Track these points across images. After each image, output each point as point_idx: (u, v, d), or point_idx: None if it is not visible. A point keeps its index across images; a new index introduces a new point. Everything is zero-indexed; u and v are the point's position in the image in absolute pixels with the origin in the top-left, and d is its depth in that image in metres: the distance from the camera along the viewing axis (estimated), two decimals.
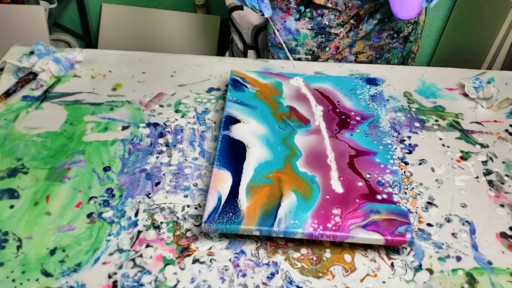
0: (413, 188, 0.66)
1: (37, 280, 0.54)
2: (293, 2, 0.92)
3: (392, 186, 0.61)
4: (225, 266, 0.56)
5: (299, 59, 0.97)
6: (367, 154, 0.66)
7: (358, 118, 0.72)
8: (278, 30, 0.96)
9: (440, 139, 0.74)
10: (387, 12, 0.92)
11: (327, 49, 0.96)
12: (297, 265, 0.57)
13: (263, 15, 0.81)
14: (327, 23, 0.92)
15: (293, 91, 0.77)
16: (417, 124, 0.76)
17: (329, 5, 0.90)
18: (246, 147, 0.66)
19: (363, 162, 0.65)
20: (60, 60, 0.83)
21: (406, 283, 0.55)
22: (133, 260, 0.56)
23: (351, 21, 0.92)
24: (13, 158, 0.68)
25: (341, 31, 0.93)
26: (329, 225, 0.56)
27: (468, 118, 0.78)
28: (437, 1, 0.78)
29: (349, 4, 0.90)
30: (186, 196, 0.64)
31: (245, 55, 1.30)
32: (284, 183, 0.61)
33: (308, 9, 0.92)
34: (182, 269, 0.56)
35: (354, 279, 0.55)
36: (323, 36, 0.94)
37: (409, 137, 0.74)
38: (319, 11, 0.91)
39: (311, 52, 0.97)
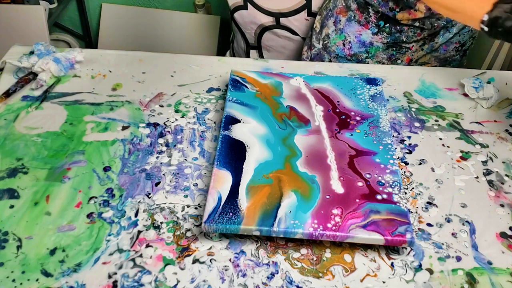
0: (413, 188, 0.66)
1: (37, 280, 0.54)
2: (373, 16, 0.92)
3: (392, 186, 0.61)
4: (225, 266, 0.56)
5: None
6: (367, 154, 0.66)
7: (358, 118, 0.72)
8: (350, 42, 0.96)
9: (440, 139, 0.74)
10: (463, 26, 0.93)
11: (398, 61, 0.96)
12: (297, 265, 0.57)
13: None
14: (404, 39, 0.92)
15: (293, 91, 0.77)
16: (417, 124, 0.76)
17: (416, 24, 0.90)
18: (246, 147, 0.66)
19: (363, 162, 0.65)
20: (60, 60, 0.83)
21: (406, 283, 0.55)
22: (133, 260, 0.56)
23: (425, 34, 0.92)
24: (13, 158, 0.68)
25: (413, 45, 0.93)
26: (329, 225, 0.56)
27: (468, 118, 0.78)
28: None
29: (435, 24, 0.90)
30: (186, 196, 0.64)
31: (247, 55, 1.30)
32: (284, 183, 0.61)
33: (388, 24, 0.91)
34: (182, 269, 0.56)
35: (354, 279, 0.55)
36: (394, 49, 0.94)
37: (409, 137, 0.74)
38: (398, 27, 0.91)
39: (381, 63, 0.97)
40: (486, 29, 0.64)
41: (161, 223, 0.61)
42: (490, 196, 0.65)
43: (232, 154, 0.65)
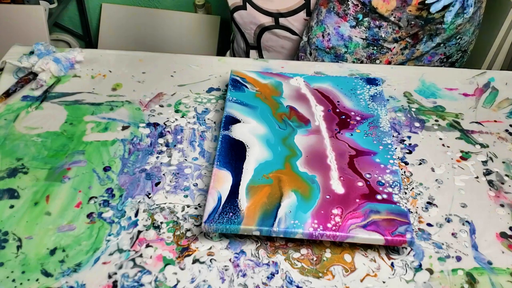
0: (413, 188, 0.66)
1: (37, 280, 0.54)
2: (352, 8, 0.91)
3: (392, 186, 0.61)
4: (225, 266, 0.56)
5: None
6: (367, 154, 0.66)
7: (358, 118, 0.72)
8: (329, 34, 0.95)
9: (440, 139, 0.74)
10: (447, 38, 0.93)
11: (377, 61, 0.95)
12: (297, 265, 0.57)
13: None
14: (383, 35, 0.91)
15: (293, 91, 0.77)
16: (417, 124, 0.76)
17: (392, 18, 0.88)
18: (246, 147, 0.66)
19: (363, 162, 0.65)
20: (60, 60, 0.83)
21: (406, 283, 0.55)
22: (133, 260, 0.57)
23: (408, 39, 0.91)
24: (13, 158, 0.68)
25: (394, 47, 0.92)
26: (329, 225, 0.56)
27: (468, 118, 0.78)
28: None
29: (412, 22, 0.89)
30: (186, 196, 0.64)
31: (247, 55, 1.30)
32: (284, 183, 0.61)
33: (366, 19, 0.91)
34: (182, 269, 0.56)
35: (354, 279, 0.55)
36: (375, 48, 0.93)
37: (409, 137, 0.74)
38: (377, 22, 0.90)
39: (359, 62, 0.96)
40: None
41: (161, 223, 0.61)
42: (490, 196, 0.65)
43: (232, 154, 0.65)
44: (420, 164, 0.70)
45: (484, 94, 0.83)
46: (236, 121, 0.70)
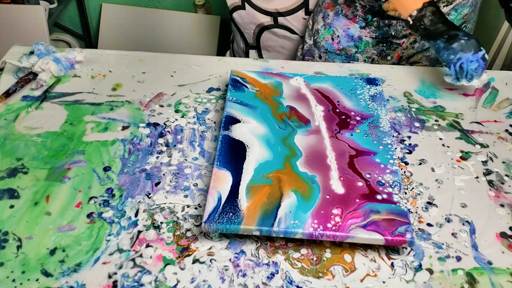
0: (413, 188, 0.66)
1: (37, 280, 0.54)
2: (360, 10, 0.91)
3: (392, 186, 0.61)
4: (225, 266, 0.56)
5: None
6: (367, 154, 0.66)
7: (358, 118, 0.72)
8: (339, 37, 0.96)
9: (440, 139, 0.74)
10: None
11: (388, 57, 0.95)
12: (297, 265, 0.57)
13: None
14: (393, 33, 0.92)
15: (293, 91, 0.77)
16: (417, 124, 0.76)
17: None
18: (246, 147, 0.66)
19: (363, 162, 0.65)
20: (60, 60, 0.83)
21: (406, 283, 0.55)
22: (133, 260, 0.57)
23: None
24: (13, 158, 0.68)
25: (404, 42, 0.93)
26: (329, 225, 0.56)
27: (468, 118, 0.78)
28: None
29: None
30: (186, 196, 0.64)
31: (246, 55, 1.30)
32: (284, 183, 0.61)
33: (375, 18, 0.91)
34: (182, 269, 0.56)
35: (354, 279, 0.55)
36: (385, 45, 0.93)
37: (409, 137, 0.74)
38: (386, 21, 0.91)
39: (370, 60, 0.97)
40: (410, 22, 0.77)
41: (161, 223, 0.61)
42: (490, 196, 0.65)
43: (232, 154, 0.65)
44: (420, 164, 0.70)
45: (484, 94, 0.83)
46: (236, 121, 0.70)
